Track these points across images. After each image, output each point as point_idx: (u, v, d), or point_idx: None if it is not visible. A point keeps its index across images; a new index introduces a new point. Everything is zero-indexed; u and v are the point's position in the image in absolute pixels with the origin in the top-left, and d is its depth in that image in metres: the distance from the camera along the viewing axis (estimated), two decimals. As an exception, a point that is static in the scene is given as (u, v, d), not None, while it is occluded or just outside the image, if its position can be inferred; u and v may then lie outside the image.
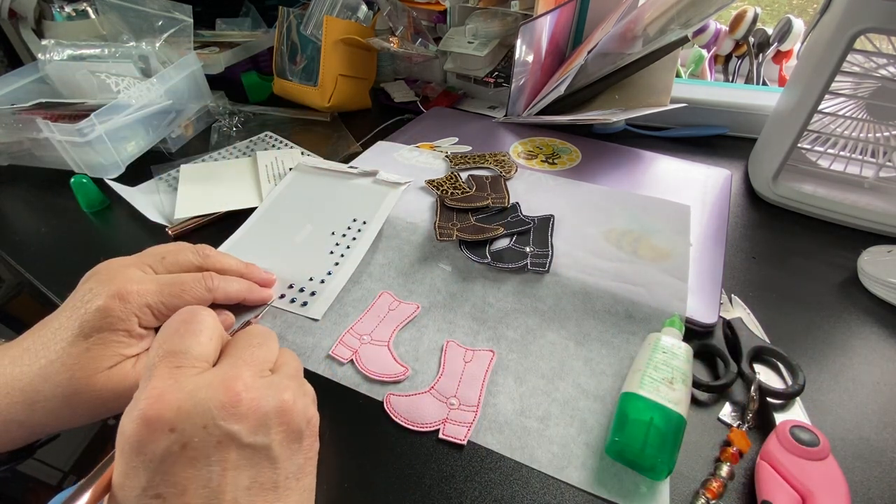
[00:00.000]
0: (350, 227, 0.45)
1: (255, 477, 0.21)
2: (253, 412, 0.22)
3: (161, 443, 0.20)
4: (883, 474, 0.29)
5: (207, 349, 0.24)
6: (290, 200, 0.50)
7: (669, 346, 0.32)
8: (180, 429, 0.20)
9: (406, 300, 0.40)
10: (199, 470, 0.20)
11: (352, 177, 0.51)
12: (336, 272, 0.41)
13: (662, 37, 0.58)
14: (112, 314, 0.28)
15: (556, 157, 0.57)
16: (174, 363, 0.22)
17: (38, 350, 0.27)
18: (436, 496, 0.28)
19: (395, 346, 0.36)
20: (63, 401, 0.27)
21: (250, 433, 0.21)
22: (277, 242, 0.45)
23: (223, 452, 0.21)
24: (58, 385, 0.27)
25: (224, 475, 0.20)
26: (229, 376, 0.22)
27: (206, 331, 0.24)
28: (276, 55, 0.70)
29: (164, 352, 0.23)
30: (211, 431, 0.20)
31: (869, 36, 0.42)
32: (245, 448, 0.21)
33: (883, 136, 0.48)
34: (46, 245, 0.48)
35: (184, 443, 0.20)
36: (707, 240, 0.44)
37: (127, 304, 0.28)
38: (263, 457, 0.22)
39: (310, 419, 0.25)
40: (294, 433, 0.23)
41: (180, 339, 0.23)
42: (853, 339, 0.38)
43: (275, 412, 0.22)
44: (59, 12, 0.69)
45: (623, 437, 0.28)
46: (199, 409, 0.20)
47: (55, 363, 0.27)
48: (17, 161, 0.57)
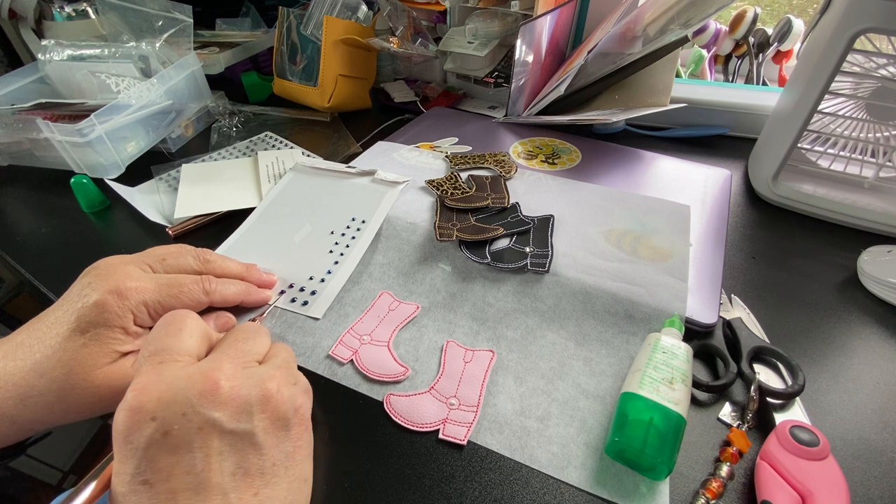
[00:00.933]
0: (349, 227, 0.45)
1: (240, 463, 0.22)
2: (233, 399, 0.22)
3: (144, 431, 0.21)
4: (883, 474, 0.29)
5: (188, 345, 0.24)
6: (288, 200, 0.50)
7: (669, 346, 0.32)
8: (161, 417, 0.21)
9: (406, 300, 0.40)
10: (183, 456, 0.21)
11: (350, 176, 0.51)
12: (336, 271, 0.41)
13: (662, 37, 0.58)
14: (109, 310, 0.28)
15: (556, 157, 0.57)
16: (157, 360, 0.23)
17: (32, 345, 0.27)
18: (436, 496, 0.28)
19: (394, 347, 0.36)
20: (58, 396, 0.27)
21: (232, 419, 0.22)
22: (276, 242, 0.45)
23: (205, 439, 0.21)
24: (53, 380, 0.27)
25: (208, 461, 0.21)
26: (210, 367, 0.23)
27: (186, 329, 0.25)
28: (276, 55, 0.70)
29: (148, 352, 0.24)
30: (191, 418, 0.21)
31: (869, 36, 0.42)
32: (227, 434, 0.22)
33: (883, 136, 0.48)
34: (46, 245, 0.48)
35: (165, 430, 0.21)
36: (707, 240, 0.44)
37: (124, 301, 0.28)
38: (248, 443, 0.22)
39: (297, 408, 0.25)
40: (280, 420, 0.24)
41: (161, 338, 0.24)
42: (853, 339, 0.38)
43: (257, 399, 0.23)
44: (59, 12, 0.69)
45: (623, 437, 0.28)
46: (179, 398, 0.21)
47: (51, 358, 0.27)
48: (17, 161, 0.57)
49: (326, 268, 0.42)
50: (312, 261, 0.42)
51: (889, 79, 0.44)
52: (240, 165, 0.57)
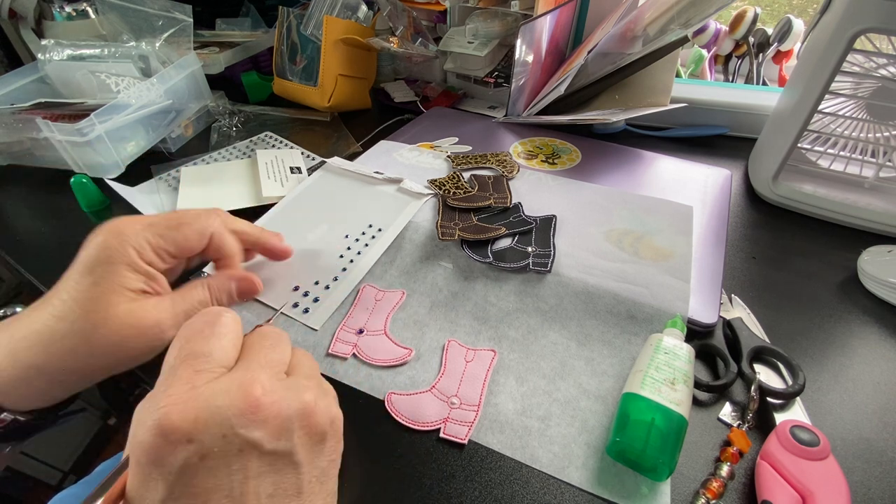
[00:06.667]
0: (364, 233, 0.45)
1: (279, 483, 0.21)
2: (273, 417, 0.21)
3: (180, 454, 0.19)
4: (883, 474, 0.29)
5: (230, 354, 0.23)
6: (311, 198, 0.50)
7: (671, 346, 0.32)
8: (198, 440, 0.19)
9: (389, 289, 0.40)
10: (220, 480, 0.20)
11: (376, 182, 0.51)
12: (343, 278, 0.41)
13: (662, 37, 0.58)
14: (110, 247, 0.28)
15: (556, 157, 0.57)
16: (195, 367, 0.22)
17: (49, 295, 0.28)
18: (436, 496, 0.28)
19: (392, 334, 0.36)
20: (81, 338, 0.27)
21: (272, 439, 0.21)
22: (291, 236, 0.44)
23: (244, 461, 0.20)
24: (73, 322, 0.27)
25: (246, 483, 0.20)
26: (246, 381, 0.21)
27: (229, 334, 0.24)
28: (276, 55, 0.70)
29: (185, 353, 0.22)
30: (231, 440, 0.20)
31: (869, 36, 0.42)
32: (267, 455, 0.21)
33: (883, 136, 0.48)
34: (46, 245, 0.48)
35: (203, 454, 0.19)
36: (707, 240, 0.44)
37: (124, 237, 0.29)
38: (286, 462, 0.21)
39: (333, 419, 0.24)
40: (317, 435, 0.23)
41: (205, 341, 0.23)
42: (853, 339, 0.38)
43: (297, 415, 0.22)
44: (59, 12, 0.69)
45: (624, 437, 0.28)
46: (217, 419, 0.20)
47: (67, 302, 0.27)
48: (17, 161, 0.57)
49: (333, 274, 0.41)
50: (322, 263, 0.42)
51: (889, 79, 0.44)
52: (240, 166, 0.57)
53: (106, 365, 0.29)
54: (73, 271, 0.28)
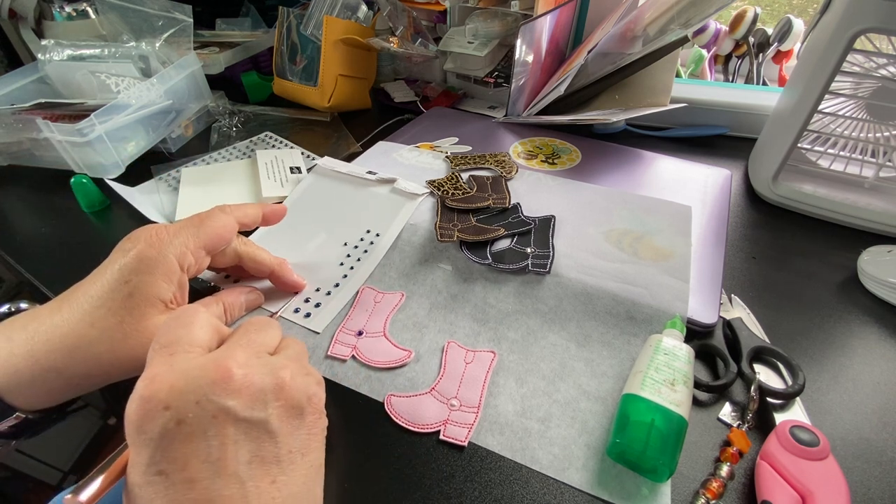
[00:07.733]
0: (363, 239, 0.45)
1: (256, 451, 0.22)
2: (246, 387, 0.22)
3: (158, 420, 0.20)
4: (883, 474, 0.29)
5: (199, 336, 0.24)
6: (307, 205, 0.49)
7: (671, 347, 0.32)
8: (174, 406, 0.21)
9: (388, 291, 0.40)
10: (198, 445, 0.21)
11: (370, 183, 0.51)
12: (344, 285, 0.41)
13: (662, 37, 0.58)
14: (147, 257, 0.29)
15: (555, 157, 0.57)
16: (168, 351, 0.23)
17: (78, 298, 0.28)
18: (436, 496, 0.28)
19: (391, 335, 0.36)
20: (109, 346, 0.28)
21: (246, 408, 0.22)
22: (291, 248, 0.44)
23: (220, 427, 0.21)
24: (104, 329, 0.27)
25: (224, 449, 0.21)
26: (222, 356, 0.23)
27: (196, 321, 0.25)
28: (276, 55, 0.70)
29: (159, 344, 0.24)
30: (204, 406, 0.21)
31: (869, 36, 0.42)
32: (242, 422, 0.21)
33: (883, 136, 0.48)
34: (46, 245, 0.48)
35: (179, 419, 0.20)
36: (707, 240, 0.44)
37: (162, 245, 0.30)
38: (262, 431, 0.22)
39: (311, 396, 0.25)
40: (294, 409, 0.23)
41: (172, 331, 0.24)
42: (853, 339, 0.38)
43: (271, 388, 0.23)
44: (59, 12, 0.69)
45: (624, 438, 0.28)
46: (192, 387, 0.21)
47: (100, 309, 0.28)
48: (17, 161, 0.57)
49: (335, 280, 0.41)
50: (322, 271, 0.42)
51: (889, 79, 0.44)
52: (240, 166, 0.57)
53: (125, 371, 0.29)
54: (105, 278, 0.29)
